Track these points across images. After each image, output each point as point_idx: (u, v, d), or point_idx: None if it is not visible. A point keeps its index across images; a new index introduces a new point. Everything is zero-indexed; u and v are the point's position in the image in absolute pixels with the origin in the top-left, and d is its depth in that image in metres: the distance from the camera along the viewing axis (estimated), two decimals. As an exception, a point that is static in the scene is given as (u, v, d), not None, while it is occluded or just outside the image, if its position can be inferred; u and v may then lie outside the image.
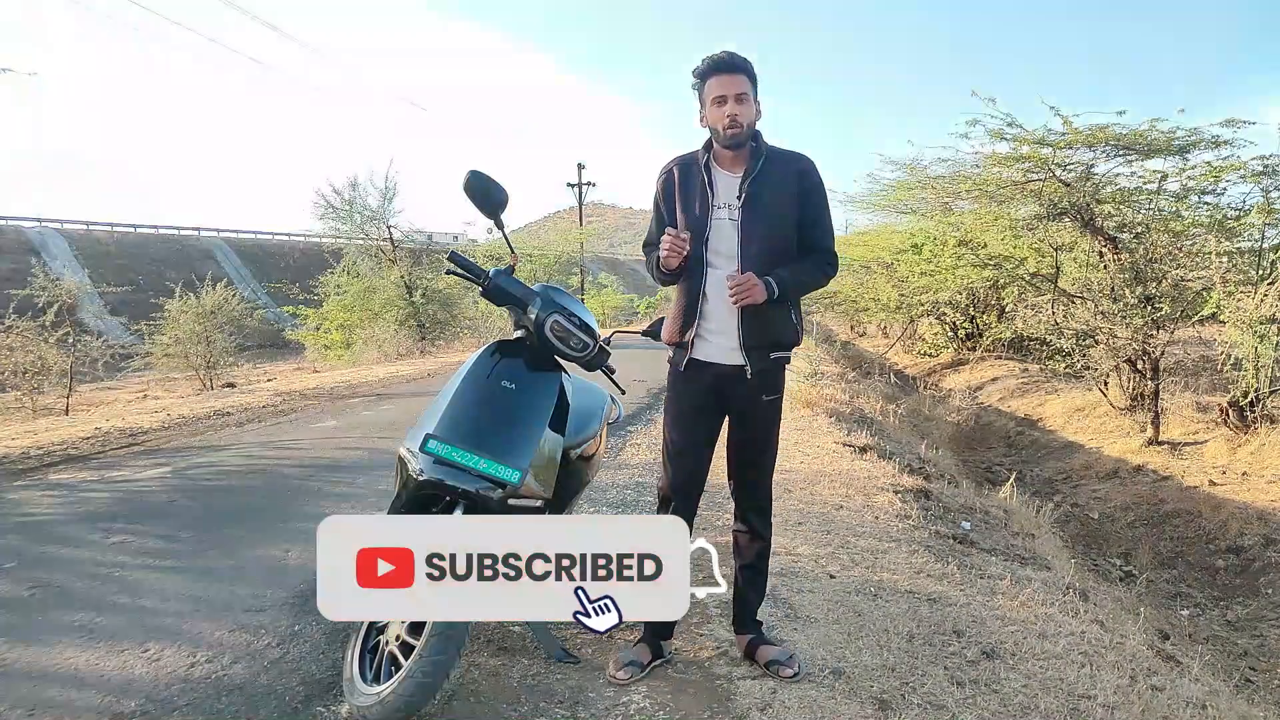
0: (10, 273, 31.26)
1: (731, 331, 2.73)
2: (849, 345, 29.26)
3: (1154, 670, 3.30)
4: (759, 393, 2.81)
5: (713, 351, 2.78)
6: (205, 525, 4.55)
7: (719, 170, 2.77)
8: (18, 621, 3.22)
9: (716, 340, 2.76)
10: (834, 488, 5.63)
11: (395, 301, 22.93)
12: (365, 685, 2.39)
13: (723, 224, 2.73)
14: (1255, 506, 7.36)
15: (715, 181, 2.75)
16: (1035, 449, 11.43)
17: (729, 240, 2.71)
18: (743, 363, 2.74)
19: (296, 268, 34.06)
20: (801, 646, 3.06)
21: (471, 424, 2.66)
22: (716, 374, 2.79)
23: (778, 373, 2.86)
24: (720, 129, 2.66)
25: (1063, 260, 11.94)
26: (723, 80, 2.65)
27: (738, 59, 2.66)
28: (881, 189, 17.11)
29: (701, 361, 2.80)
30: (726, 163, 2.76)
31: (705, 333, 2.78)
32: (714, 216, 2.73)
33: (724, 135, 2.66)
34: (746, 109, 2.65)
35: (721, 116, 2.64)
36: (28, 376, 14.35)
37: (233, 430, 8.03)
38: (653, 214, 2.95)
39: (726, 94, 2.63)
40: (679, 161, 2.85)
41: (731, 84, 2.64)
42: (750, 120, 2.68)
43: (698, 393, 2.84)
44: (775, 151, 2.77)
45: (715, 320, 2.76)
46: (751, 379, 2.75)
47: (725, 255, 2.72)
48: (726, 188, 2.74)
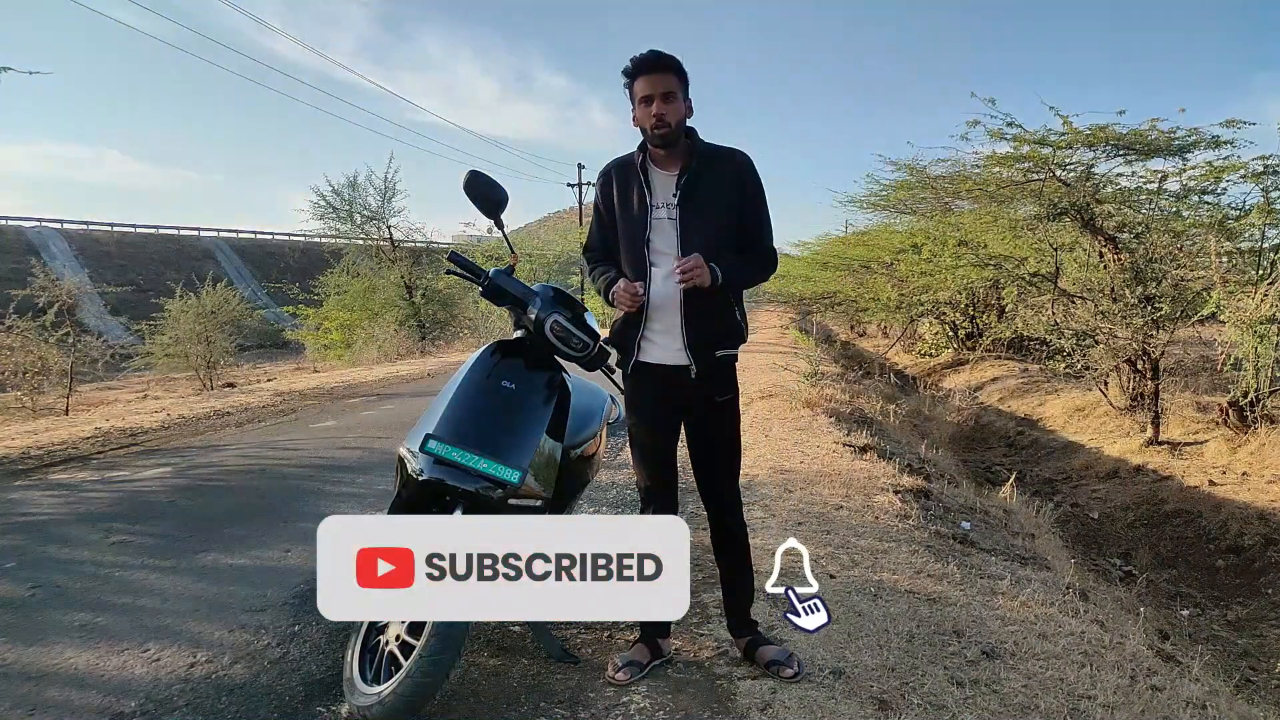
0: (10, 273, 31.26)
1: (676, 331, 2.74)
2: (849, 345, 29.28)
3: (1154, 670, 3.30)
4: (710, 393, 2.81)
5: (658, 353, 2.78)
6: (205, 525, 4.55)
7: (655, 170, 2.77)
8: (18, 621, 3.22)
9: (662, 341, 2.77)
10: (834, 488, 5.63)
11: (395, 301, 22.96)
12: (365, 685, 2.39)
13: (662, 223, 2.74)
14: (1255, 506, 7.36)
15: (652, 181, 2.76)
16: (1035, 449, 11.42)
17: (669, 239, 2.72)
18: (687, 362, 2.74)
19: (296, 268, 34.03)
20: (801, 646, 3.05)
21: (472, 424, 2.66)
22: (664, 375, 2.79)
23: (726, 371, 2.86)
24: (648, 128, 2.67)
25: (1063, 260, 11.93)
26: (650, 80, 2.65)
27: (665, 58, 2.67)
28: (882, 189, 17.13)
29: (648, 364, 2.81)
30: (662, 162, 2.77)
31: (651, 334, 2.78)
32: (653, 216, 2.74)
33: (652, 134, 2.67)
34: (674, 108, 2.65)
35: (648, 115, 2.65)
36: (28, 376, 14.34)
37: (233, 430, 8.03)
38: (593, 218, 2.96)
39: (653, 93, 2.64)
40: (616, 164, 2.87)
41: (658, 83, 2.64)
42: (679, 119, 2.68)
43: (649, 394, 2.84)
44: (710, 149, 2.78)
45: (660, 321, 2.76)
46: (697, 378, 2.75)
47: (666, 254, 2.72)
48: (663, 187, 2.75)
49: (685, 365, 2.75)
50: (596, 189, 2.92)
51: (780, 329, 28.54)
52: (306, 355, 26.16)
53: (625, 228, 2.79)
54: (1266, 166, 9.03)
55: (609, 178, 2.85)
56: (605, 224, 2.88)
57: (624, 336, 2.83)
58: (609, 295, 2.79)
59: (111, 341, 17.56)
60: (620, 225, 2.81)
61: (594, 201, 2.95)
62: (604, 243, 2.91)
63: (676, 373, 2.77)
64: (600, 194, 2.89)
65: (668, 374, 2.78)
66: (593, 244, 2.96)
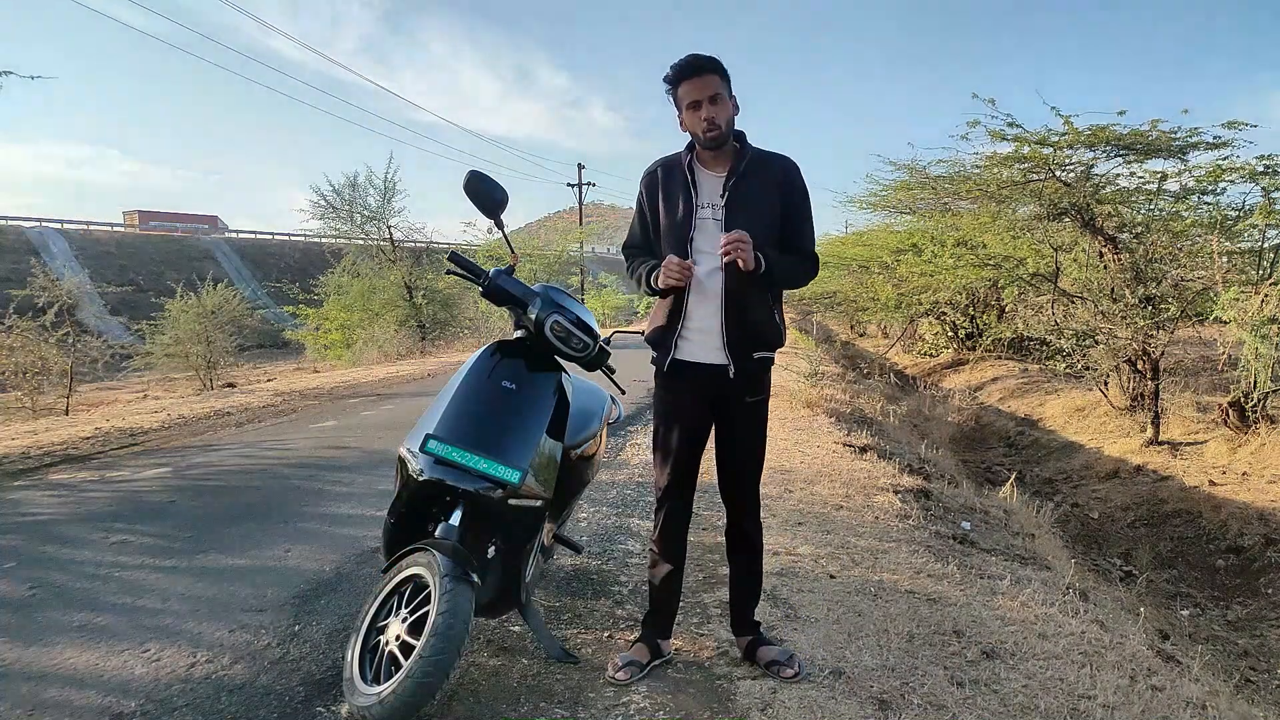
0: (10, 273, 31.28)
1: (715, 331, 2.73)
2: (849, 345, 29.29)
3: (1154, 670, 3.30)
4: (743, 394, 2.80)
5: (696, 351, 2.77)
6: (205, 525, 4.55)
7: (702, 170, 2.77)
8: (18, 621, 3.22)
9: (700, 340, 2.76)
10: (834, 488, 5.63)
11: (395, 301, 22.94)
12: (365, 685, 2.39)
13: (707, 223, 2.73)
14: (1255, 506, 7.36)
15: (699, 182, 2.76)
16: (1035, 449, 11.43)
17: (713, 240, 2.70)
18: (726, 362, 2.73)
19: (296, 268, 34.04)
20: (801, 646, 3.05)
21: (472, 424, 2.66)
22: (700, 374, 2.78)
23: (762, 373, 2.85)
24: (699, 133, 2.67)
25: (1063, 260, 11.94)
26: (693, 84, 2.65)
27: (705, 60, 2.66)
28: (882, 189, 17.12)
29: (685, 362, 2.79)
30: (709, 163, 2.76)
31: (688, 333, 2.77)
32: (698, 216, 2.73)
33: (704, 138, 2.67)
34: (722, 109, 2.65)
35: (698, 120, 2.64)
36: (28, 376, 14.36)
37: (233, 430, 8.03)
38: (635, 216, 2.95)
39: (700, 97, 2.63)
40: (662, 163, 2.86)
41: (703, 86, 2.64)
42: (728, 119, 2.67)
43: (682, 393, 2.83)
44: (759, 153, 2.78)
45: (699, 319, 2.75)
46: (735, 379, 2.74)
47: (709, 255, 2.71)
48: (710, 188, 2.75)
49: (724, 365, 2.74)
50: (641, 187, 2.90)
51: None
52: (306, 355, 26.17)
53: (669, 226, 2.77)
54: (1267, 166, 9.03)
55: (654, 177, 2.84)
56: (647, 222, 2.87)
57: (662, 334, 2.81)
58: (650, 278, 2.76)
59: (111, 341, 17.58)
60: (664, 224, 2.79)
61: (637, 199, 2.93)
62: (645, 241, 2.90)
63: (714, 373, 2.76)
64: (645, 192, 2.87)
65: (705, 373, 2.77)
66: (633, 241, 2.95)
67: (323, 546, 4.17)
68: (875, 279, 21.10)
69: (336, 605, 3.41)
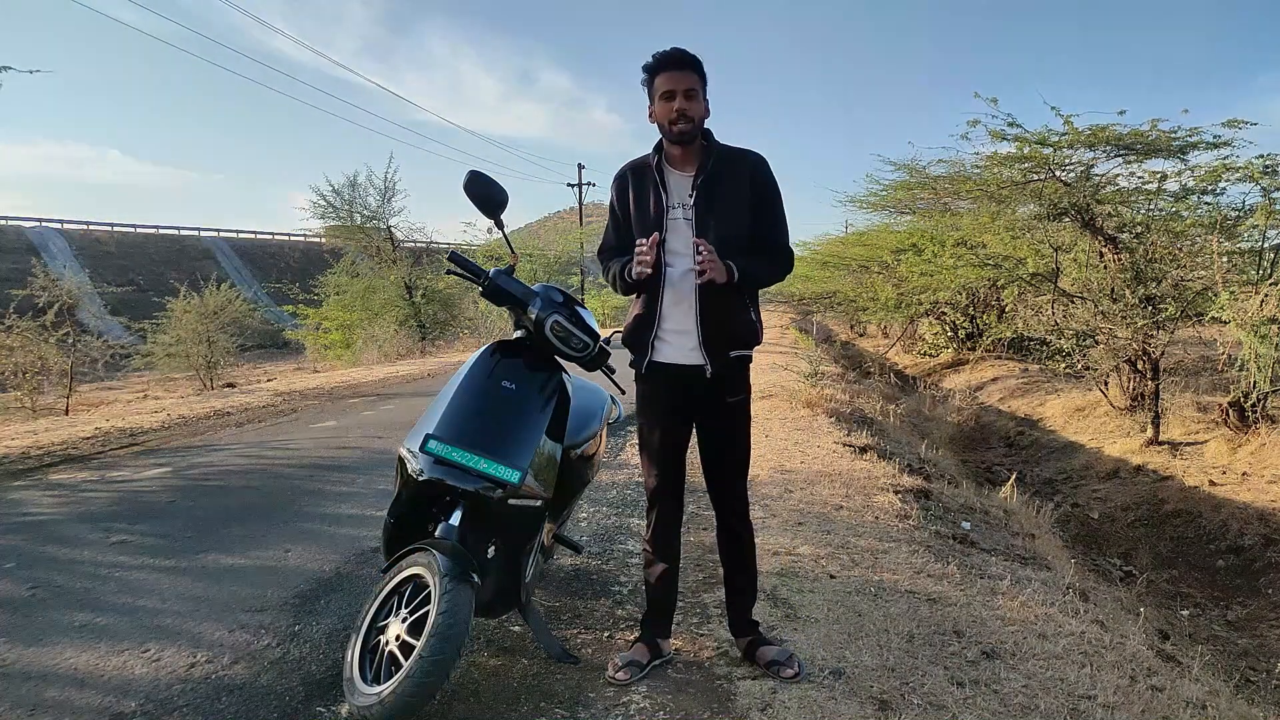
0: (10, 273, 31.29)
1: (691, 331, 2.74)
2: (849, 345, 29.29)
3: (1154, 670, 3.30)
4: (722, 394, 2.80)
5: (672, 353, 2.78)
6: (205, 525, 4.55)
7: (671, 171, 2.77)
8: (18, 621, 3.22)
9: (676, 341, 2.76)
10: (834, 488, 5.63)
11: (395, 301, 22.95)
12: (365, 685, 2.39)
13: (678, 223, 2.73)
14: (1255, 506, 7.36)
15: (668, 183, 2.76)
16: (1035, 449, 11.42)
17: (685, 239, 2.71)
18: (702, 362, 2.74)
19: (296, 268, 34.04)
20: (801, 646, 3.05)
21: (471, 424, 2.66)
22: (677, 375, 2.78)
23: (740, 372, 2.86)
24: (667, 124, 2.67)
25: (1063, 260, 11.94)
26: (672, 76, 2.65)
27: (687, 56, 2.67)
28: (882, 189, 17.13)
29: (661, 364, 2.80)
30: (678, 162, 2.77)
31: (665, 334, 2.78)
32: (669, 217, 2.74)
33: (671, 130, 2.67)
34: (695, 105, 2.65)
35: (669, 111, 2.65)
36: (28, 376, 14.35)
37: (233, 430, 8.03)
38: (609, 220, 2.95)
39: (675, 89, 2.64)
40: (631, 166, 2.86)
41: (680, 80, 2.64)
42: (699, 116, 2.68)
43: (662, 395, 2.84)
44: (726, 149, 2.78)
45: (674, 321, 2.76)
46: (712, 379, 2.75)
47: (682, 255, 2.72)
48: (679, 188, 2.75)
49: (700, 365, 2.74)
50: (612, 191, 2.90)
51: (780, 329, 28.55)
52: (306, 355, 26.16)
53: (641, 229, 2.77)
54: (1268, 166, 9.03)
55: (625, 180, 2.85)
56: (620, 226, 2.88)
57: (638, 336, 2.82)
58: (624, 271, 2.77)
59: (112, 341, 17.57)
60: (636, 227, 2.79)
61: (609, 204, 2.93)
62: (620, 244, 2.90)
63: (690, 373, 2.77)
64: (616, 196, 2.88)
65: (682, 374, 2.78)
66: (608, 245, 2.95)
67: (323, 546, 4.17)
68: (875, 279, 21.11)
69: (336, 605, 3.41)
